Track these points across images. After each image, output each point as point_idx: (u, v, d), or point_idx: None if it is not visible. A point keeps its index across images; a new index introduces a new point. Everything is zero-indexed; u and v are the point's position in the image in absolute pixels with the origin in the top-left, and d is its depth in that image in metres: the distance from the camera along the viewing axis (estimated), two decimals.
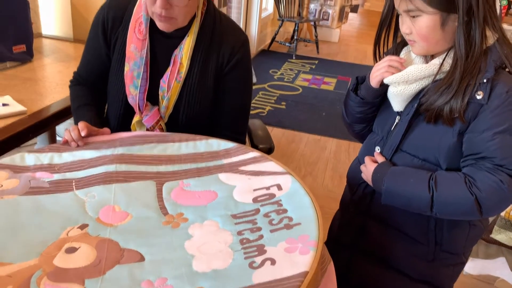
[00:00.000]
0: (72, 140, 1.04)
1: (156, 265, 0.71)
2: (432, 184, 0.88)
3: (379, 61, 1.03)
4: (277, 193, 0.89)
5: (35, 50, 1.76)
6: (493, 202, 0.86)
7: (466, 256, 1.05)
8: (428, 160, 0.94)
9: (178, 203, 0.87)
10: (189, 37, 1.13)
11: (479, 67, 0.86)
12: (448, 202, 0.88)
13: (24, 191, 0.87)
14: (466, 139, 0.88)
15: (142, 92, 1.15)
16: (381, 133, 1.04)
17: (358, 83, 1.05)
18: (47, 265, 0.69)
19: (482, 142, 0.85)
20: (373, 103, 1.03)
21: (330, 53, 5.34)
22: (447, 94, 0.87)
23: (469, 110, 0.86)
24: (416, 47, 0.92)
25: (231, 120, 1.25)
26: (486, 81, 0.85)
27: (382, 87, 0.99)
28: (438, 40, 0.88)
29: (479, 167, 0.86)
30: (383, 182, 0.94)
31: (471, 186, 0.85)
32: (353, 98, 1.05)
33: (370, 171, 0.98)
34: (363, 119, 1.08)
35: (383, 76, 0.96)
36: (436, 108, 0.88)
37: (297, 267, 0.69)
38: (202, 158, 1.03)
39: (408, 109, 0.95)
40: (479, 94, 0.85)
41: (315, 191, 2.38)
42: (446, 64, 0.90)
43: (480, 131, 0.86)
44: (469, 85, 0.86)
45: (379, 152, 1.02)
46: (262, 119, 3.16)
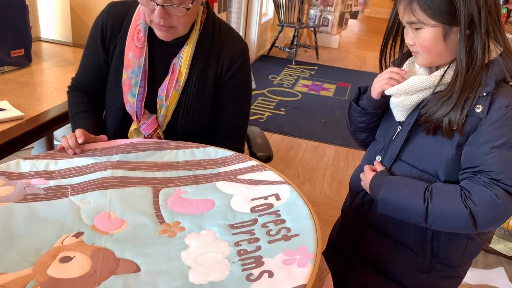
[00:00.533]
0: (69, 147, 1.03)
1: (152, 276, 0.69)
2: (427, 196, 0.88)
3: (384, 70, 1.03)
4: (275, 203, 0.88)
5: (34, 54, 1.76)
6: (488, 216, 0.85)
7: (463, 270, 1.04)
8: (426, 171, 0.94)
9: (175, 211, 0.86)
10: (188, 46, 1.13)
11: (479, 80, 0.85)
12: (443, 214, 0.87)
13: (19, 198, 0.86)
14: (464, 152, 0.88)
15: (140, 100, 1.14)
16: (383, 142, 1.04)
17: (360, 93, 1.05)
18: (41, 275, 0.68)
19: (479, 155, 0.85)
20: (375, 114, 1.03)
21: (329, 59, 5.35)
22: (447, 106, 0.87)
23: (468, 123, 0.86)
24: (420, 58, 0.92)
25: (230, 129, 1.24)
26: (485, 95, 0.84)
27: (383, 98, 0.99)
28: (440, 52, 0.88)
29: (476, 181, 0.86)
30: (379, 191, 0.94)
31: (466, 199, 0.85)
32: (355, 108, 1.05)
33: (368, 179, 0.99)
34: (365, 128, 1.08)
35: (383, 88, 0.96)
36: (435, 120, 0.88)
37: (295, 280, 0.68)
38: (199, 165, 1.02)
39: (409, 119, 0.95)
40: (478, 107, 0.85)
41: (314, 198, 2.37)
42: (447, 76, 0.89)
43: (478, 144, 0.85)
44: (469, 98, 0.85)
45: (379, 161, 1.02)
46: (261, 125, 3.16)
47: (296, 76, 4.48)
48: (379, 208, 0.95)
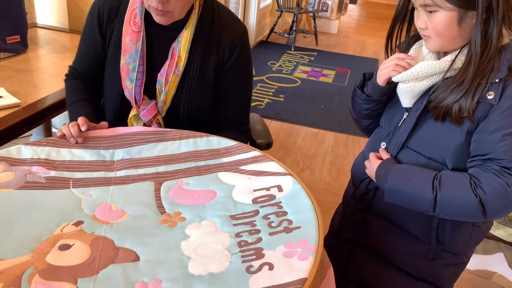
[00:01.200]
0: (71, 136, 1.01)
1: (151, 266, 0.69)
2: (436, 184, 0.87)
3: (390, 54, 1.01)
4: (278, 194, 0.87)
5: (30, 40, 1.73)
6: (498, 205, 0.84)
7: (467, 257, 1.04)
8: (434, 158, 0.93)
9: (176, 202, 0.85)
10: (187, 30, 1.11)
11: (492, 66, 0.84)
12: (452, 203, 0.86)
13: (20, 185, 0.85)
14: (474, 139, 0.87)
15: (139, 86, 1.13)
16: (388, 128, 1.03)
17: (365, 79, 1.04)
18: (39, 262, 0.68)
19: (490, 143, 0.84)
20: (380, 101, 1.02)
21: (329, 44, 5.30)
22: (458, 92, 0.85)
23: (479, 110, 0.85)
24: (430, 43, 0.90)
25: (237, 112, 1.24)
26: (498, 81, 0.83)
27: (389, 85, 0.97)
28: (453, 37, 0.86)
29: (485, 169, 0.85)
30: (386, 180, 0.93)
31: (476, 188, 0.84)
32: (360, 95, 1.03)
33: (374, 168, 0.97)
34: (369, 115, 1.07)
35: (390, 74, 0.94)
36: (445, 106, 0.87)
37: (295, 273, 0.67)
38: (202, 156, 1.01)
39: (417, 105, 0.93)
40: (490, 94, 0.83)
41: (313, 184, 2.37)
42: (458, 61, 0.88)
43: (489, 132, 0.84)
44: (480, 84, 0.84)
45: (384, 148, 1.01)
46: (260, 112, 3.14)
47: (295, 62, 4.44)
48: (387, 197, 0.94)
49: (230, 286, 0.66)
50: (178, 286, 0.65)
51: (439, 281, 1.03)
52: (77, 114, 1.12)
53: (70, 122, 1.17)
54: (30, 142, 0.99)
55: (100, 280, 0.65)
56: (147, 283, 0.66)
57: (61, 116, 1.99)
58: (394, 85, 0.97)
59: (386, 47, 1.01)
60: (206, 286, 0.66)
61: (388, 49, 1.01)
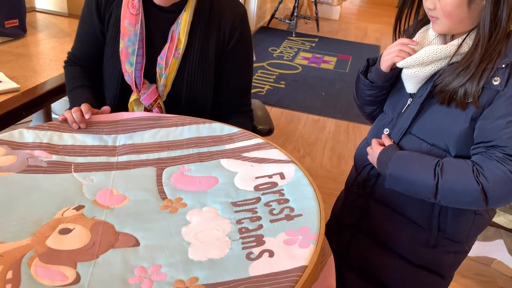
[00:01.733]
0: (74, 121, 1.00)
1: (150, 251, 0.69)
2: (438, 171, 0.86)
3: (398, 38, 0.99)
4: (280, 182, 0.86)
5: (28, 25, 1.71)
6: (500, 193, 0.83)
7: (469, 245, 1.04)
8: (437, 145, 0.92)
9: (177, 187, 0.85)
10: (186, 12, 1.09)
11: (499, 50, 0.82)
12: (453, 190, 0.86)
13: (21, 169, 0.85)
14: (478, 125, 0.86)
15: (139, 69, 1.12)
16: (392, 114, 1.02)
17: (369, 65, 1.02)
18: (39, 246, 0.68)
19: (494, 130, 0.83)
20: (384, 87, 1.01)
21: (330, 31, 5.25)
22: (464, 76, 0.84)
23: (484, 96, 0.83)
24: (438, 24, 0.88)
25: (239, 94, 1.23)
26: (504, 66, 0.82)
27: (393, 71, 0.96)
28: (462, 19, 0.85)
29: (488, 156, 0.84)
30: (387, 166, 0.92)
31: (478, 175, 0.83)
32: (363, 81, 1.02)
33: (376, 154, 0.97)
34: (373, 101, 1.06)
35: (394, 60, 0.93)
36: (450, 90, 0.86)
37: (296, 261, 0.67)
38: (204, 143, 1.00)
39: (422, 91, 0.92)
40: (496, 79, 0.82)
41: (314, 171, 2.37)
42: (464, 45, 0.86)
43: (494, 118, 0.83)
44: (487, 69, 0.82)
45: (387, 134, 1.00)
46: (261, 99, 3.13)
47: (297, 48, 4.40)
48: (388, 183, 0.94)
49: (229, 272, 0.65)
50: (177, 271, 0.65)
51: (439, 269, 1.04)
52: (78, 100, 1.11)
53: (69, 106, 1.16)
54: (33, 126, 0.99)
55: (99, 265, 0.66)
56: (146, 268, 0.66)
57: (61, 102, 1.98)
58: (398, 71, 0.96)
59: (395, 30, 1.00)
60: (205, 271, 0.66)
61: (396, 32, 1.00)
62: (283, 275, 0.65)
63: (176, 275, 0.65)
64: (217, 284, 0.63)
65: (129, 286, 0.62)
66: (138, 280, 0.63)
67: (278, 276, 0.65)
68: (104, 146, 0.97)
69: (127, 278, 0.63)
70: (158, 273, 0.65)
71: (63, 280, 0.62)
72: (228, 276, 0.65)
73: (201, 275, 0.65)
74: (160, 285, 0.63)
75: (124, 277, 0.64)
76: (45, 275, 0.63)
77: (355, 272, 1.11)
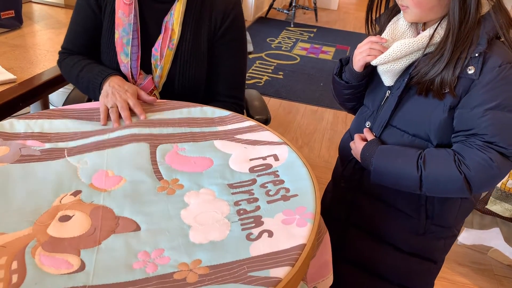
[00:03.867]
0: (117, 120, 0.98)
1: (152, 235, 0.70)
2: (420, 164, 0.87)
3: (370, 27, 0.99)
4: (274, 163, 0.87)
5: (25, 16, 1.71)
6: (482, 180, 0.84)
7: (457, 229, 1.05)
8: (418, 135, 0.92)
9: (172, 167, 0.85)
10: (179, 2, 1.10)
11: (471, 38, 0.82)
12: (437, 181, 0.86)
13: (15, 159, 0.85)
14: (457, 114, 0.86)
15: (135, 60, 1.12)
16: (372, 107, 1.02)
17: (342, 65, 1.02)
18: (41, 235, 0.68)
19: (473, 118, 0.83)
20: (359, 85, 1.00)
21: (329, 21, 5.23)
22: (439, 65, 0.84)
23: (460, 85, 0.84)
24: (409, 13, 0.88)
25: (229, 85, 1.22)
26: (478, 55, 0.82)
27: (367, 69, 0.96)
28: (432, 7, 0.84)
29: (469, 144, 0.84)
30: (371, 162, 0.93)
31: (460, 165, 0.84)
32: (338, 82, 1.02)
33: (359, 150, 0.97)
34: (352, 99, 1.06)
35: (366, 60, 0.93)
36: (427, 81, 0.86)
37: (294, 240, 0.68)
38: (196, 123, 1.00)
39: (399, 83, 0.92)
40: (470, 69, 0.82)
41: (312, 162, 2.38)
42: (437, 36, 0.86)
43: (471, 107, 0.83)
44: (460, 58, 0.82)
45: (368, 127, 1.00)
46: (259, 89, 3.12)
47: (295, 38, 4.39)
48: (373, 179, 0.94)
49: (231, 253, 0.66)
50: (180, 254, 0.66)
51: (431, 254, 1.05)
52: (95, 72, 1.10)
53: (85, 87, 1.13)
54: (23, 115, 0.98)
55: (103, 251, 0.66)
56: (149, 252, 0.66)
57: (58, 93, 1.98)
58: (371, 68, 0.96)
59: (367, 20, 0.99)
60: (207, 254, 0.66)
61: (369, 22, 0.99)
62: (283, 253, 0.66)
63: (179, 258, 0.65)
64: (220, 265, 0.64)
65: (134, 271, 0.63)
66: (143, 265, 0.64)
67: (278, 255, 0.66)
68: (96, 131, 0.97)
69: (131, 263, 0.64)
70: (161, 256, 0.66)
71: (68, 267, 0.63)
72: (230, 257, 0.66)
73: (203, 257, 0.66)
74: (164, 268, 0.64)
75: (129, 262, 0.64)
76: (50, 263, 0.63)
77: (350, 264, 1.12)
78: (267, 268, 0.64)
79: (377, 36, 0.94)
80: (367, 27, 1.00)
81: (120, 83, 1.06)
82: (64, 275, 0.62)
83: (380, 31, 0.97)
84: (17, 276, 0.61)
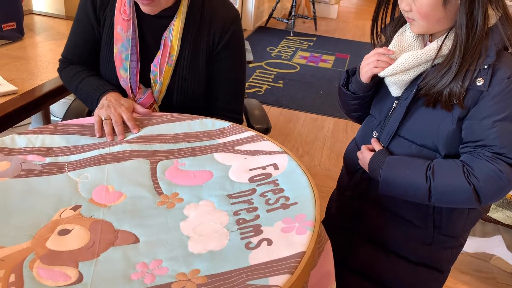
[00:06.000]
0: (110, 133, 0.99)
1: (150, 247, 0.70)
2: (429, 175, 0.86)
3: (376, 39, 0.99)
4: (274, 172, 0.87)
5: (26, 27, 1.72)
6: (491, 192, 0.84)
7: (464, 238, 1.04)
8: (426, 146, 0.92)
9: (173, 182, 0.86)
10: (178, 18, 1.10)
11: (480, 50, 0.82)
12: (446, 192, 0.86)
13: (15, 174, 0.85)
14: (465, 125, 0.86)
15: (134, 75, 1.12)
16: (379, 117, 1.01)
17: (348, 76, 1.02)
18: (40, 248, 0.68)
19: (482, 129, 0.83)
20: (366, 96, 1.00)
21: (328, 29, 5.26)
22: (447, 77, 0.84)
23: (469, 96, 0.84)
24: (415, 25, 0.88)
25: (227, 100, 1.22)
26: (487, 67, 0.82)
27: (374, 80, 0.96)
28: (439, 19, 0.85)
29: (477, 155, 0.84)
30: (379, 173, 0.92)
31: (469, 176, 0.84)
32: (345, 93, 1.02)
33: (367, 160, 0.97)
34: (358, 109, 1.06)
35: (373, 71, 0.93)
36: (435, 93, 0.85)
37: (294, 248, 0.68)
38: (196, 137, 1.01)
39: (407, 93, 0.92)
40: (479, 80, 0.82)
41: (313, 170, 2.37)
42: (444, 48, 0.86)
43: (480, 118, 0.83)
44: (469, 71, 0.82)
45: (376, 137, 1.00)
46: (259, 98, 3.13)
47: (295, 47, 4.41)
48: (381, 190, 0.94)
49: (230, 262, 0.66)
50: (178, 264, 0.66)
51: (438, 265, 1.04)
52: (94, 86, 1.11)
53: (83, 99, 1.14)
54: (24, 131, 0.99)
55: (101, 263, 0.66)
56: (147, 263, 0.66)
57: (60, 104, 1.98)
58: (378, 79, 0.96)
59: (372, 31, 0.99)
60: (206, 263, 0.66)
61: (374, 33, 0.99)
62: (282, 261, 0.66)
63: (178, 268, 0.65)
64: (218, 275, 0.64)
65: (131, 282, 0.63)
66: (141, 276, 0.64)
67: (277, 263, 0.66)
68: (97, 144, 0.97)
69: (129, 274, 0.64)
70: (160, 267, 0.66)
71: (66, 280, 0.63)
72: (229, 266, 0.66)
73: (202, 267, 0.66)
74: (162, 278, 0.64)
75: (126, 273, 0.64)
76: (48, 276, 0.63)
77: (355, 274, 1.11)
78: (266, 276, 0.63)
79: (384, 48, 0.94)
80: (372, 38, 1.00)
81: (117, 97, 1.08)
82: (61, 287, 0.62)
83: (386, 42, 0.97)
84: None
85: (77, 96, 1.21)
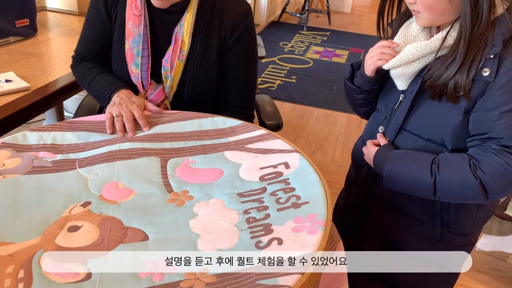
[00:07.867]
0: (121, 130, 0.99)
1: (160, 245, 0.69)
2: (434, 169, 0.84)
3: (382, 33, 0.97)
4: (285, 171, 0.86)
5: (39, 24, 1.73)
6: (499, 185, 0.81)
7: (474, 237, 1.02)
8: (432, 140, 0.90)
9: (183, 180, 0.85)
10: (189, 13, 1.09)
11: (485, 40, 0.79)
12: (452, 187, 0.84)
13: (27, 170, 0.85)
14: (472, 118, 0.84)
15: (145, 71, 1.12)
16: (385, 112, 1.00)
17: (353, 70, 1.01)
18: (49, 244, 0.68)
19: (488, 121, 0.81)
20: (371, 90, 0.99)
21: (342, 24, 5.20)
22: (452, 68, 0.81)
23: (475, 88, 0.81)
24: (421, 18, 0.86)
25: (239, 96, 1.21)
26: (493, 57, 0.79)
27: (378, 73, 0.94)
28: (443, 10, 0.82)
29: (484, 149, 0.82)
30: (383, 167, 0.91)
31: (475, 169, 0.81)
32: (350, 87, 1.01)
33: (372, 155, 0.95)
34: (365, 104, 1.04)
35: (377, 64, 0.92)
36: (440, 85, 0.83)
37: (304, 247, 0.67)
38: (207, 135, 1.00)
39: (412, 86, 0.90)
40: (485, 70, 0.80)
41: (325, 166, 2.35)
42: (449, 38, 0.84)
43: (487, 110, 0.81)
44: (475, 61, 0.80)
45: (382, 132, 0.98)
46: (272, 94, 3.12)
47: (308, 42, 4.37)
48: (385, 184, 0.92)
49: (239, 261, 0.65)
50: (187, 263, 0.65)
51: (446, 264, 1.01)
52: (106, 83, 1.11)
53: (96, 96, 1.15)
54: (36, 127, 1.00)
55: (110, 260, 0.66)
56: (156, 261, 0.66)
57: (73, 99, 2.00)
58: (383, 73, 0.94)
59: (378, 25, 0.98)
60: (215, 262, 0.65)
61: (380, 27, 0.98)
62: None
63: (187, 267, 0.65)
64: (227, 274, 0.63)
65: (140, 280, 0.63)
66: (150, 274, 0.64)
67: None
68: (107, 140, 0.97)
69: (138, 272, 0.64)
70: (169, 265, 0.65)
71: (74, 277, 0.63)
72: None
73: (211, 266, 0.65)
74: (171, 277, 0.63)
75: (135, 271, 0.64)
76: (57, 272, 0.63)
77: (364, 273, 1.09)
78: (276, 276, 0.62)
79: (389, 40, 0.93)
80: (378, 32, 0.99)
81: (128, 95, 1.09)
82: (70, 283, 0.62)
83: (392, 36, 0.96)
84: (23, 285, 0.61)
85: (89, 93, 1.21)
